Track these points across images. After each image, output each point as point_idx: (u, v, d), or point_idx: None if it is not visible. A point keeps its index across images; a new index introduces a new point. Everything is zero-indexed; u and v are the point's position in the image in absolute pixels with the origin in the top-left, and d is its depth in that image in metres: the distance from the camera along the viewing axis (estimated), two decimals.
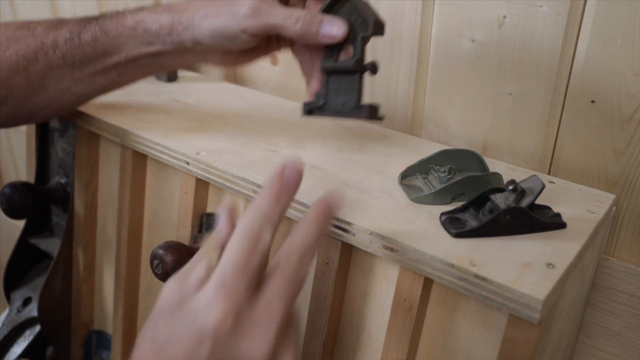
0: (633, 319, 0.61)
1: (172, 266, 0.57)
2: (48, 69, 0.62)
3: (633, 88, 0.56)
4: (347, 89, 0.56)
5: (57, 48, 0.61)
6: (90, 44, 0.60)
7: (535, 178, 0.50)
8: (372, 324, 0.54)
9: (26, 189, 0.77)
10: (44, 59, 0.61)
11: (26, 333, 0.82)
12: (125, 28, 0.60)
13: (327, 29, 0.54)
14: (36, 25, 0.63)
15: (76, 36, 0.61)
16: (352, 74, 0.56)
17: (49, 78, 0.62)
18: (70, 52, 0.61)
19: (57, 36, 0.61)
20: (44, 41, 0.61)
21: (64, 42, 0.61)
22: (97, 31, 0.60)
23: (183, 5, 0.59)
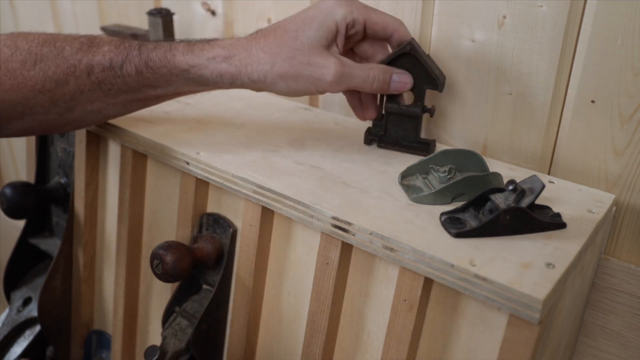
0: (633, 319, 0.61)
1: (172, 266, 0.57)
2: (79, 92, 0.58)
3: (633, 88, 0.56)
4: (407, 126, 0.64)
5: (92, 74, 0.58)
6: (134, 76, 0.58)
7: (535, 178, 0.50)
8: (372, 324, 0.54)
9: (26, 189, 0.77)
10: (75, 82, 0.58)
11: (26, 333, 0.82)
12: (176, 68, 0.57)
13: (396, 86, 0.60)
14: (63, 45, 0.58)
15: (117, 66, 0.57)
16: (414, 116, 0.63)
17: (78, 100, 0.59)
18: (108, 80, 0.58)
19: (92, 61, 0.58)
20: (76, 65, 0.58)
21: (102, 70, 0.58)
22: (142, 65, 0.57)
23: (245, 54, 0.56)
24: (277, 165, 0.60)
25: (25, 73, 0.58)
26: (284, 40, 0.56)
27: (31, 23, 1.20)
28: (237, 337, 0.63)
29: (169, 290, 0.69)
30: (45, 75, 0.58)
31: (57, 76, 0.58)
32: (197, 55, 0.57)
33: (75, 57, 0.58)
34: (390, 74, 0.60)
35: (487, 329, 0.47)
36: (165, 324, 0.66)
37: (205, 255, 0.62)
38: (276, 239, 0.60)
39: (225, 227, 0.62)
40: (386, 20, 0.59)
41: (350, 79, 0.57)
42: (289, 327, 0.60)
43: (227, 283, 0.63)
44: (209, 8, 0.88)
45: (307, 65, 0.56)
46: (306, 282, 0.58)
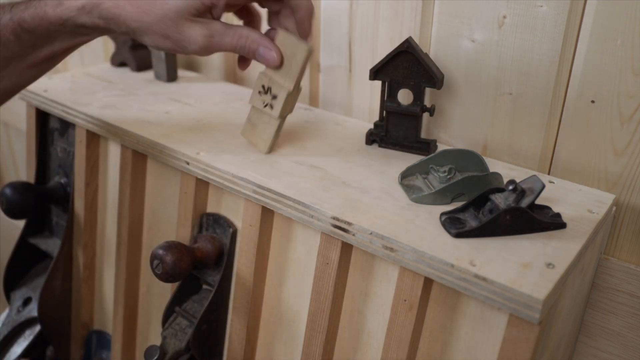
0: (633, 319, 0.61)
1: (172, 266, 0.57)
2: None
3: (633, 88, 0.56)
4: (407, 125, 0.64)
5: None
6: (14, 41, 0.56)
7: (535, 178, 0.50)
8: (372, 324, 0.54)
9: (26, 189, 0.77)
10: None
11: (26, 333, 0.82)
12: (51, 24, 0.55)
13: (261, 59, 0.59)
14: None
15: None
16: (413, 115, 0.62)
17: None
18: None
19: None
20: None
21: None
22: (18, 29, 0.55)
23: (112, 4, 0.54)
24: (277, 165, 0.60)
25: None
26: (152, 1, 0.54)
27: None
28: (237, 337, 0.63)
29: (169, 290, 0.69)
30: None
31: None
32: (67, 6, 0.55)
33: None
34: (257, 45, 0.58)
35: (487, 329, 0.47)
36: (165, 324, 0.66)
37: (205, 255, 0.62)
38: (276, 239, 0.60)
39: (225, 227, 0.62)
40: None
41: (218, 47, 0.57)
42: (289, 327, 0.60)
43: (227, 283, 0.63)
44: None
45: (174, 32, 0.55)
46: (306, 282, 0.58)
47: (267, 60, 0.58)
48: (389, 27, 0.70)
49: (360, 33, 0.73)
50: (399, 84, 0.62)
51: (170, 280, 0.58)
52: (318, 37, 0.77)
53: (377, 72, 0.62)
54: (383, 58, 0.61)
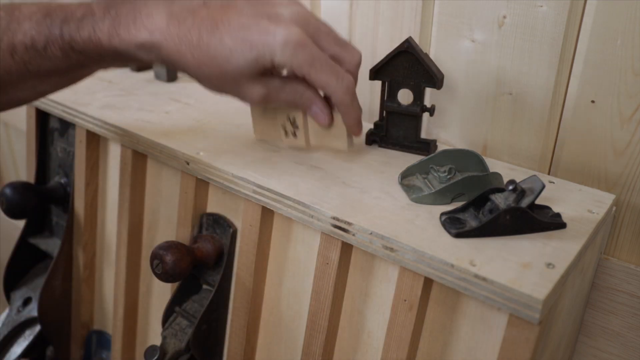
0: (633, 319, 0.61)
1: (172, 266, 0.57)
2: (5, 73, 0.54)
3: (633, 88, 0.56)
4: (407, 125, 0.64)
5: (16, 54, 0.53)
6: (62, 58, 0.54)
7: (535, 178, 0.50)
8: (372, 324, 0.54)
9: (26, 189, 0.77)
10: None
11: (26, 333, 0.82)
12: (104, 52, 0.53)
13: (313, 115, 0.59)
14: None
15: (41, 48, 0.53)
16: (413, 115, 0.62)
17: (5, 81, 0.55)
18: (34, 61, 0.54)
19: (13, 40, 0.53)
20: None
21: (25, 50, 0.53)
22: (67, 48, 0.53)
23: (174, 49, 0.52)
24: (277, 165, 0.60)
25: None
26: (216, 54, 0.52)
27: None
28: (237, 337, 0.63)
29: (169, 290, 0.69)
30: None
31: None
32: (124, 40, 0.53)
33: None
34: (311, 103, 0.58)
35: (487, 329, 0.47)
36: (165, 324, 0.66)
37: (205, 255, 0.62)
38: (276, 239, 0.60)
39: (225, 227, 0.62)
40: (326, 83, 0.54)
41: (274, 102, 0.57)
42: (289, 327, 0.60)
43: (227, 283, 0.63)
44: None
45: (230, 86, 0.54)
46: (306, 282, 0.58)
47: (318, 120, 0.59)
48: (389, 27, 0.70)
49: (360, 33, 0.73)
50: (399, 84, 0.62)
51: (170, 280, 0.58)
52: None
53: (377, 72, 0.62)
54: (383, 58, 0.61)
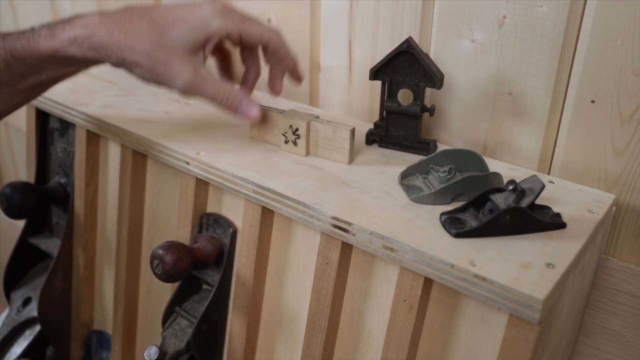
0: (633, 319, 0.61)
1: (172, 266, 0.57)
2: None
3: (633, 88, 0.56)
4: (407, 125, 0.64)
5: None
6: (4, 69, 0.56)
7: (535, 178, 0.50)
8: (372, 324, 0.54)
9: (26, 189, 0.77)
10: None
11: (26, 333, 0.82)
12: (42, 55, 0.56)
13: (243, 115, 0.60)
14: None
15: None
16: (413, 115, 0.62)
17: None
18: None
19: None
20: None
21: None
22: (9, 57, 0.56)
23: (107, 35, 0.55)
24: (277, 165, 0.60)
25: None
26: (149, 32, 0.55)
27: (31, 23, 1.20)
28: (237, 337, 0.63)
29: (169, 290, 0.69)
30: None
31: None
32: (59, 37, 0.56)
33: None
34: (239, 100, 0.60)
35: (487, 329, 0.47)
36: (165, 324, 0.66)
37: (205, 255, 0.62)
38: (276, 239, 0.60)
39: (225, 227, 0.62)
40: (260, 31, 0.60)
41: (200, 92, 0.58)
42: (289, 327, 0.60)
43: (227, 283, 0.63)
44: None
45: (163, 64, 0.56)
46: (306, 282, 0.58)
47: (249, 114, 0.60)
48: (389, 27, 0.70)
49: (360, 33, 0.73)
50: (399, 84, 0.62)
51: (170, 280, 0.58)
52: (318, 37, 0.77)
53: (377, 72, 0.62)
54: (383, 58, 0.61)
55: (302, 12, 0.77)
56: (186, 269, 0.58)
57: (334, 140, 0.60)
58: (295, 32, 0.79)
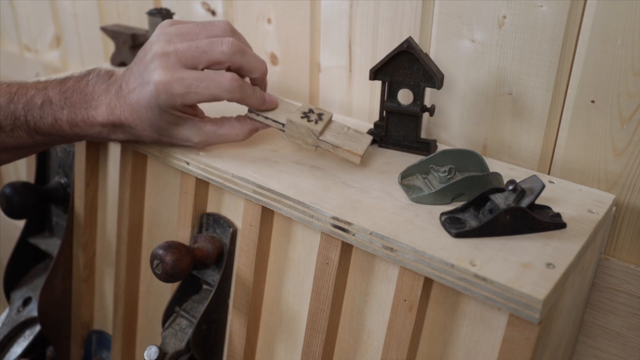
0: (633, 319, 0.61)
1: (172, 266, 0.57)
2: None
3: (633, 88, 0.56)
4: (407, 125, 0.64)
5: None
6: (26, 138, 0.61)
7: (535, 178, 0.50)
8: (372, 324, 0.54)
9: (26, 189, 0.77)
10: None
11: (26, 333, 0.82)
12: (66, 137, 0.61)
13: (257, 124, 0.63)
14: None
15: (8, 130, 0.60)
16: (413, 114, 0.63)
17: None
18: (0, 139, 0.61)
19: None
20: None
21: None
22: (32, 131, 0.60)
23: (120, 127, 0.59)
24: (277, 165, 0.60)
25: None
26: (139, 113, 0.58)
27: (31, 23, 1.20)
28: (237, 337, 0.63)
29: (169, 290, 0.69)
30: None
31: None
32: (82, 128, 0.60)
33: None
34: (248, 128, 0.62)
35: (487, 329, 0.47)
36: (165, 324, 0.66)
37: (205, 255, 0.62)
38: (276, 239, 0.60)
39: (225, 227, 0.62)
40: (211, 95, 0.58)
41: (217, 141, 0.62)
42: (289, 327, 0.60)
43: (227, 283, 0.63)
44: (209, 8, 0.88)
45: (167, 136, 0.61)
46: (306, 282, 0.58)
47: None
48: (389, 27, 0.70)
49: (360, 33, 0.73)
50: (399, 84, 0.62)
51: (170, 280, 0.58)
52: (318, 37, 0.77)
53: (377, 72, 0.62)
54: (383, 58, 0.61)
55: (302, 12, 0.77)
56: (186, 269, 0.58)
57: (351, 135, 0.61)
58: (295, 32, 0.79)
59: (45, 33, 1.18)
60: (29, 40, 1.22)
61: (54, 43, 1.18)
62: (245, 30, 0.84)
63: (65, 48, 1.16)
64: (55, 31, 1.16)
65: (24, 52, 1.25)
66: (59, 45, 1.17)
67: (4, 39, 1.29)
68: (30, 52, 1.23)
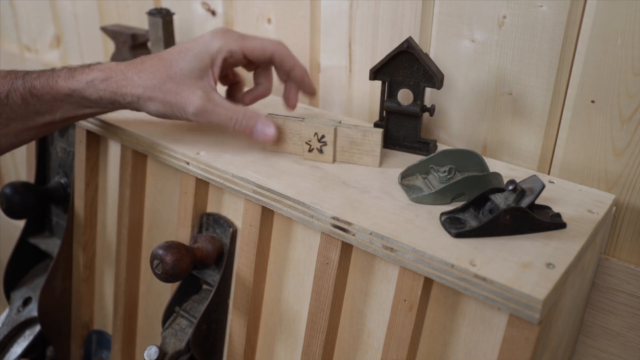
0: (633, 319, 0.61)
1: (172, 266, 0.57)
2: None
3: (633, 88, 0.56)
4: (407, 125, 0.64)
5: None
6: (20, 104, 0.59)
7: (535, 178, 0.50)
8: (372, 324, 0.54)
9: (26, 189, 0.77)
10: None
11: (26, 333, 0.82)
12: (59, 94, 0.59)
13: (259, 136, 0.61)
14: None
15: (3, 96, 0.59)
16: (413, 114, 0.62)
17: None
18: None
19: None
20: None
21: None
22: (27, 93, 0.59)
23: (122, 77, 0.59)
24: (277, 165, 0.60)
25: None
26: (158, 67, 0.59)
27: (31, 23, 1.20)
28: (237, 337, 0.63)
29: (169, 290, 0.69)
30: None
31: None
32: (77, 79, 0.59)
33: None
34: (254, 122, 0.61)
35: (487, 329, 0.47)
36: (165, 324, 0.66)
37: (205, 255, 0.62)
38: (276, 239, 0.60)
39: (225, 227, 0.62)
40: (262, 44, 0.63)
41: (212, 116, 0.60)
42: (289, 327, 0.60)
43: (227, 283, 0.63)
44: (209, 8, 0.88)
45: (174, 94, 0.59)
46: (306, 282, 0.58)
47: (266, 135, 0.60)
48: (389, 27, 0.70)
49: (360, 33, 0.73)
50: (399, 84, 0.62)
51: (170, 280, 0.58)
52: (318, 37, 0.77)
53: (377, 72, 0.62)
54: (383, 58, 0.61)
55: (302, 12, 0.77)
56: (186, 269, 0.58)
57: (363, 144, 0.60)
58: (295, 32, 0.79)
59: (45, 33, 1.18)
60: (29, 40, 1.22)
61: (54, 43, 1.18)
62: (245, 30, 0.84)
63: (65, 48, 1.16)
64: (55, 31, 1.16)
65: (24, 52, 1.25)
66: (59, 45, 1.17)
67: (4, 39, 1.29)
68: (30, 52, 1.23)
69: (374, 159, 0.60)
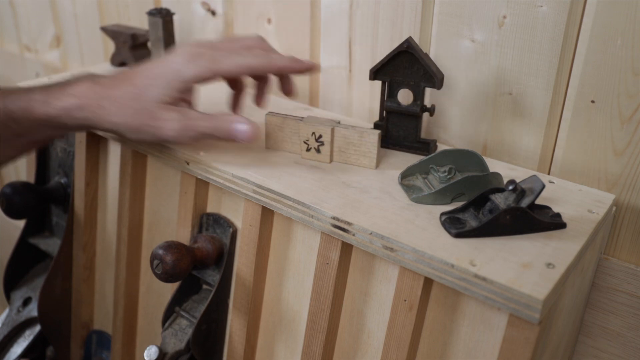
0: (633, 319, 0.61)
1: (172, 266, 0.57)
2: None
3: (633, 88, 0.56)
4: (407, 125, 0.64)
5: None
6: (1, 127, 0.59)
7: (535, 178, 0.50)
8: (372, 324, 0.54)
9: (26, 189, 0.77)
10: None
11: (26, 333, 0.82)
12: (37, 120, 0.59)
13: (240, 135, 0.58)
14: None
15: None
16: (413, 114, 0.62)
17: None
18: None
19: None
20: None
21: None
22: (6, 118, 0.59)
23: (96, 105, 0.58)
24: (277, 165, 0.60)
25: None
26: (131, 96, 0.58)
27: (31, 23, 1.20)
28: (237, 337, 0.63)
29: (169, 290, 0.69)
30: None
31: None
32: (53, 105, 0.58)
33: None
34: (229, 123, 0.58)
35: (487, 329, 0.47)
36: (165, 324, 0.66)
37: (205, 255, 0.62)
38: (276, 239, 0.60)
39: (225, 227, 0.62)
40: (237, 64, 0.58)
41: (196, 130, 0.58)
42: (289, 327, 0.60)
43: (227, 283, 0.63)
44: (209, 8, 0.88)
45: (149, 122, 0.58)
46: (306, 282, 0.58)
47: (244, 135, 0.58)
48: (389, 27, 0.70)
49: (360, 33, 0.73)
50: (399, 84, 0.62)
51: (170, 280, 0.58)
52: (318, 37, 0.77)
53: (377, 72, 0.62)
54: (383, 58, 0.61)
55: (302, 12, 0.77)
56: (186, 269, 0.58)
57: (360, 145, 0.60)
58: (295, 32, 0.79)
59: (45, 33, 1.18)
60: (29, 40, 1.22)
61: (54, 43, 1.18)
62: (245, 30, 0.84)
63: (65, 48, 1.16)
64: (55, 31, 1.16)
65: (24, 52, 1.25)
66: (59, 45, 1.17)
67: (4, 39, 1.29)
68: (30, 52, 1.23)
69: (370, 160, 0.60)
